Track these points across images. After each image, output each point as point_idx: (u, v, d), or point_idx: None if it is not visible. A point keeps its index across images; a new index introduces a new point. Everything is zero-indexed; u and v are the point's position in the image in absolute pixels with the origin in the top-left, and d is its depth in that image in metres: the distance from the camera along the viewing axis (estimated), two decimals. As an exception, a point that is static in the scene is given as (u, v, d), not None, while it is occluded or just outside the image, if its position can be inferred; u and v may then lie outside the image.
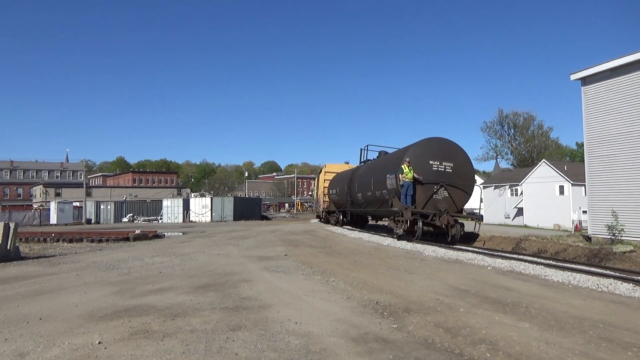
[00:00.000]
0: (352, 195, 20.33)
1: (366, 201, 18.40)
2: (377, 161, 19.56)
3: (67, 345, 3.99)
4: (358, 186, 19.18)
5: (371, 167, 18.86)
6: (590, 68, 14.00)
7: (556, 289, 6.40)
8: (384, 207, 15.84)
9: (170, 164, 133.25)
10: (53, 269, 9.38)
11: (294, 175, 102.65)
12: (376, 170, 17.33)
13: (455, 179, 13.98)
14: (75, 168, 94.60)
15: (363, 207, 19.25)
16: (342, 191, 22.29)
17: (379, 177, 16.28)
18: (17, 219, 44.46)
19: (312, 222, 32.77)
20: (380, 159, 19.30)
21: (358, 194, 19.14)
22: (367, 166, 19.98)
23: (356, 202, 20.03)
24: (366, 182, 17.95)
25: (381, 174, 15.94)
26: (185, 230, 25.89)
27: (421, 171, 13.63)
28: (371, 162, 20.34)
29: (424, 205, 13.53)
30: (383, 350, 3.76)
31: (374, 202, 17.18)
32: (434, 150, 14.14)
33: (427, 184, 13.66)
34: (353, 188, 20.06)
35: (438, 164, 13.95)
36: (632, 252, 10.78)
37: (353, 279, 7.27)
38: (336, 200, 24.46)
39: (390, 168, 15.13)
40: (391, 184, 14.72)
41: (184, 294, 6.15)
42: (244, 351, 3.77)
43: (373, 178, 17.01)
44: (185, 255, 11.35)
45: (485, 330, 4.29)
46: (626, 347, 3.82)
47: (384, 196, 15.53)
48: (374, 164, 19.09)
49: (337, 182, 24.55)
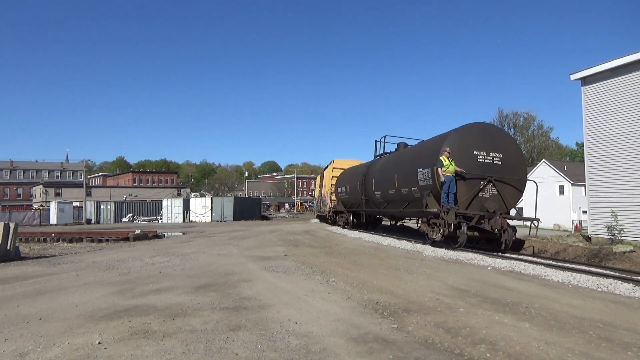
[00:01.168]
0: (368, 193, 17.89)
1: (387, 200, 16.04)
2: (401, 153, 16.55)
3: (67, 345, 3.99)
4: (375, 183, 16.82)
5: (394, 161, 16.22)
6: (590, 68, 14.01)
7: (556, 289, 6.39)
8: (414, 207, 13.68)
9: (170, 164, 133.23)
10: (53, 269, 9.38)
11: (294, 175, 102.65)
12: (402, 163, 14.75)
13: (505, 172, 11.75)
14: (75, 168, 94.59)
15: (382, 207, 16.86)
16: (354, 189, 19.89)
17: (406, 172, 13.85)
18: (17, 219, 44.49)
19: (312, 222, 32.76)
20: (406, 151, 16.31)
21: (376, 192, 16.76)
22: (388, 160, 17.24)
23: (373, 201, 17.63)
24: (387, 178, 15.57)
25: (409, 168, 13.58)
26: (185, 230, 25.88)
27: (464, 164, 11.45)
28: (392, 155, 17.58)
29: (468, 205, 11.42)
30: (383, 350, 3.76)
31: (399, 201, 14.79)
32: (479, 138, 11.88)
33: (471, 180, 11.46)
34: (368, 185, 17.70)
35: (484, 155, 11.69)
36: (632, 252, 10.79)
37: (353, 279, 7.27)
38: (345, 199, 22.01)
39: (422, 160, 12.82)
40: (424, 180, 12.43)
41: (184, 294, 6.15)
42: (244, 351, 3.77)
43: (397, 173, 14.57)
44: (185, 255, 11.35)
45: (485, 330, 4.29)
46: (626, 347, 3.82)
47: (413, 194, 13.33)
48: (397, 157, 16.38)
49: (347, 179, 21.85)
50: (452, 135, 12.10)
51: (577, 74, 14.46)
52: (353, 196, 20.27)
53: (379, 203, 16.89)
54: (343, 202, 22.69)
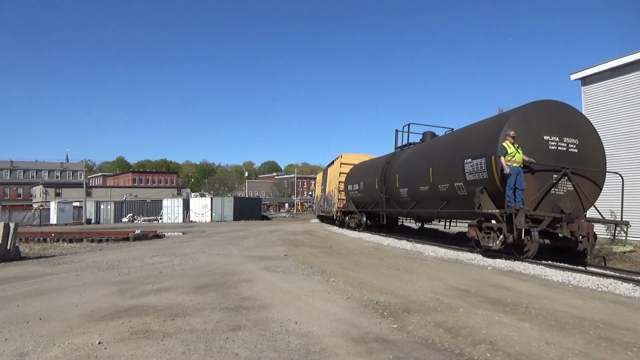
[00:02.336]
0: (390, 190, 15.48)
1: (416, 199, 13.65)
2: (437, 142, 13.90)
3: (67, 345, 3.99)
4: (400, 179, 14.43)
5: (426, 151, 13.68)
6: (590, 68, 14.02)
7: (556, 289, 6.40)
8: (457, 206, 11.36)
9: (170, 164, 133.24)
10: (53, 269, 9.39)
11: (294, 175, 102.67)
12: (439, 154, 12.43)
13: (582, 163, 9.45)
14: (75, 168, 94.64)
15: (409, 207, 14.26)
16: (370, 186, 17.66)
17: (445, 164, 11.57)
18: (17, 219, 44.49)
19: (312, 222, 32.78)
20: (445, 138, 13.50)
21: (401, 189, 14.38)
22: (416, 151, 14.71)
23: (396, 200, 15.23)
24: (417, 172, 13.25)
25: (451, 159, 11.23)
26: (185, 230, 25.89)
27: (531, 151, 9.13)
28: (423, 145, 14.88)
29: (537, 205, 9.09)
30: (383, 350, 3.77)
31: (434, 199, 12.45)
32: (549, 120, 9.54)
33: (541, 172, 9.21)
34: (390, 181, 15.33)
35: (557, 141, 9.37)
36: (632, 252, 10.79)
37: (353, 279, 7.27)
38: (358, 197, 19.67)
39: (471, 149, 10.47)
40: (475, 173, 10.08)
41: (184, 294, 6.15)
42: (244, 351, 3.77)
43: (433, 166, 12.23)
44: (185, 255, 11.35)
45: (485, 330, 4.29)
46: (626, 347, 3.82)
47: (456, 191, 11.00)
48: (431, 147, 13.81)
49: (361, 175, 19.45)
50: (514, 116, 9.72)
51: (577, 74, 14.46)
52: (368, 194, 18.10)
53: (405, 202, 14.54)
54: (355, 201, 20.33)
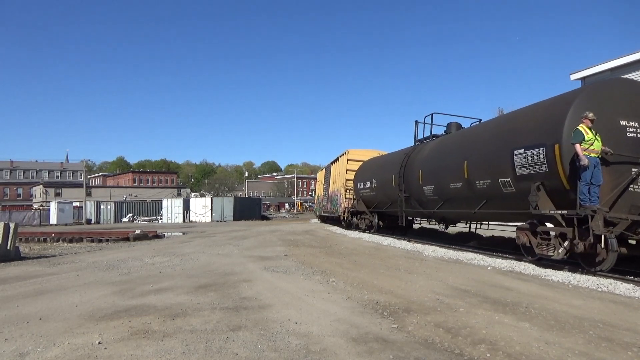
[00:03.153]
0: (410, 188, 13.87)
1: (444, 197, 11.95)
2: (472, 131, 11.81)
3: (67, 345, 3.99)
4: (424, 174, 12.79)
5: (458, 142, 11.77)
6: (590, 68, 14.02)
7: (556, 289, 6.40)
8: (501, 206, 9.73)
9: (170, 164, 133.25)
10: (53, 269, 9.39)
11: (294, 176, 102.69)
12: (477, 144, 10.46)
13: None
14: (75, 168, 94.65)
15: (436, 207, 12.56)
16: (384, 184, 15.99)
17: (486, 156, 9.82)
18: (17, 219, 44.50)
19: (312, 222, 32.79)
20: (485, 126, 11.35)
21: (425, 186, 12.76)
22: (444, 142, 12.85)
23: (418, 198, 13.61)
24: (446, 166, 11.51)
25: (494, 150, 9.56)
26: (185, 230, 25.90)
27: (604, 139, 7.46)
28: (453, 136, 12.93)
29: (613, 204, 7.48)
30: (383, 350, 3.77)
31: (469, 198, 10.64)
32: (625, 102, 7.89)
33: (617, 164, 7.58)
34: (411, 178, 13.69)
35: (637, 127, 7.76)
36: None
37: (353, 279, 7.27)
38: (370, 197, 18.04)
39: (524, 136, 8.59)
40: (529, 166, 8.27)
41: (184, 294, 6.15)
42: (244, 351, 3.77)
43: (468, 159, 10.43)
44: (185, 255, 11.36)
45: (485, 330, 4.29)
46: (626, 347, 3.82)
47: (501, 188, 9.30)
48: (463, 137, 11.79)
49: (373, 172, 17.78)
50: (583, 95, 8.06)
51: (577, 73, 14.47)
52: (382, 193, 16.44)
53: (429, 201, 12.98)
54: (365, 200, 18.69)
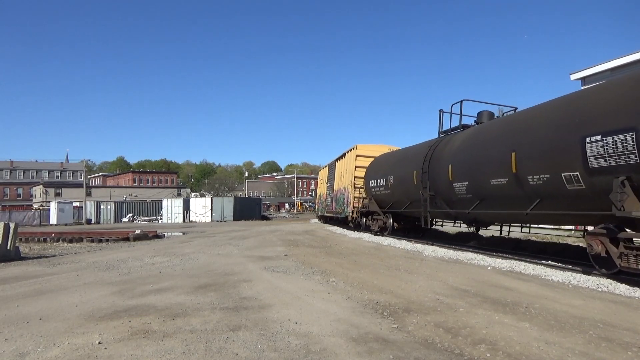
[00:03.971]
0: (438, 185, 12.08)
1: (482, 196, 10.17)
2: (523, 116, 9.47)
3: (67, 345, 3.99)
4: (455, 170, 11.05)
5: (501, 131, 9.82)
6: (590, 68, 14.04)
7: (556, 289, 6.39)
8: (563, 205, 7.98)
9: (170, 164, 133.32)
10: (53, 269, 9.38)
11: (294, 175, 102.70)
12: (529, 132, 8.59)
13: None
14: (75, 168, 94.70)
15: (471, 207, 10.70)
16: (402, 181, 14.40)
17: (543, 146, 8.00)
18: (17, 219, 44.54)
19: (312, 222, 32.79)
20: (539, 109, 8.94)
21: (456, 183, 11.04)
22: (482, 132, 10.74)
23: (446, 197, 11.88)
24: (486, 159, 9.76)
25: (555, 138, 7.73)
26: (185, 230, 25.89)
27: None
28: (495, 124, 10.82)
29: None
30: (383, 350, 3.77)
31: (518, 197, 8.93)
32: None
33: None
34: (439, 174, 11.90)
35: None
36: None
37: (353, 279, 7.27)
38: (384, 196, 16.20)
39: (601, 119, 6.88)
40: (610, 157, 6.66)
41: (184, 294, 6.15)
42: (244, 351, 3.77)
43: (517, 150, 8.70)
44: (185, 255, 11.36)
45: (485, 330, 4.29)
46: (626, 347, 3.82)
47: (566, 184, 7.49)
48: (509, 124, 9.70)
49: (388, 169, 15.98)
50: None
51: (577, 73, 14.48)
52: (401, 191, 14.77)
53: (461, 200, 11.24)
54: (378, 199, 16.99)
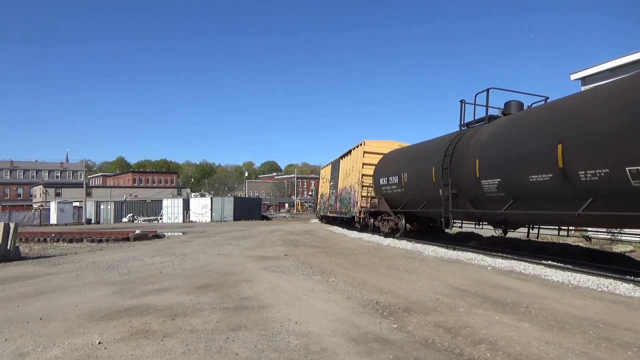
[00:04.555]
0: (461, 183, 10.81)
1: (517, 194, 9.01)
2: (576, 100, 8.19)
3: (67, 345, 3.99)
4: (484, 165, 9.89)
5: (543, 120, 8.46)
6: (590, 68, 14.03)
7: (556, 289, 6.40)
8: (626, 206, 6.83)
9: (170, 164, 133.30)
10: (53, 269, 9.38)
11: (294, 175, 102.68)
12: (582, 119, 7.42)
13: None
14: (75, 168, 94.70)
15: (503, 207, 9.40)
16: (418, 179, 13.22)
17: (600, 136, 6.86)
18: (17, 219, 44.50)
19: (312, 222, 32.80)
20: (599, 91, 7.75)
21: (485, 180, 9.85)
22: (518, 121, 9.45)
23: (472, 196, 10.61)
24: (525, 152, 8.54)
25: (616, 127, 6.63)
26: (185, 230, 25.89)
27: None
28: (533, 112, 9.40)
29: None
30: (383, 350, 3.77)
31: (565, 195, 7.74)
32: None
33: None
34: (463, 170, 10.67)
35: None
36: (632, 252, 10.79)
37: (353, 278, 7.27)
38: (396, 195, 15.07)
39: None
40: None
41: (184, 294, 6.15)
42: (244, 351, 3.77)
43: (565, 142, 7.50)
44: (185, 255, 11.36)
45: (485, 330, 4.29)
46: (626, 347, 3.82)
47: (632, 180, 6.40)
48: (553, 111, 8.39)
49: (400, 165, 14.84)
50: None
51: (577, 73, 14.47)
52: (416, 190, 13.69)
53: (491, 199, 10.00)
54: (390, 199, 15.82)
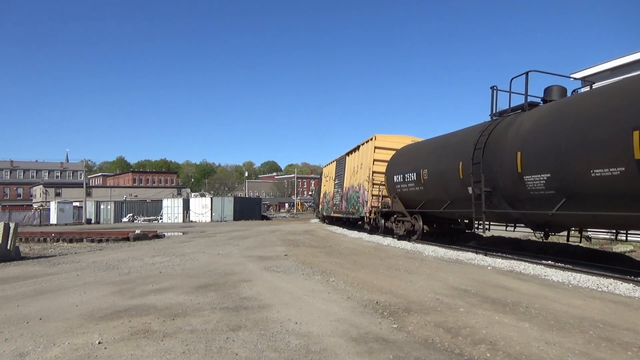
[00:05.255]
0: (497, 179, 9.35)
1: (572, 192, 7.62)
2: None
3: (67, 345, 3.99)
4: (528, 158, 8.40)
5: (616, 99, 6.99)
6: (590, 68, 14.02)
7: (556, 289, 6.40)
8: None
9: (170, 164, 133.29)
10: (53, 269, 9.38)
11: (294, 175, 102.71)
12: None
13: None
14: (75, 168, 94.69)
15: (555, 208, 7.98)
16: (442, 175, 11.77)
17: None
18: (17, 219, 44.52)
19: (312, 222, 32.80)
20: None
21: (529, 175, 8.37)
22: (577, 104, 7.97)
23: (511, 194, 9.15)
24: (585, 142, 7.14)
25: None
26: (185, 230, 25.89)
27: None
28: (605, 90, 7.69)
29: None
30: (383, 350, 3.77)
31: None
32: None
33: None
34: (499, 164, 9.25)
35: None
36: (632, 252, 10.79)
37: (353, 278, 7.27)
38: (413, 193, 13.67)
39: None
40: None
41: (184, 294, 6.15)
42: (244, 351, 3.77)
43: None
44: (185, 255, 11.35)
45: (485, 330, 4.29)
46: (626, 347, 3.82)
47: None
48: (629, 89, 6.94)
49: (419, 160, 13.30)
50: None
51: (577, 73, 14.46)
52: (438, 187, 12.20)
53: (536, 198, 8.45)
54: (405, 198, 14.48)
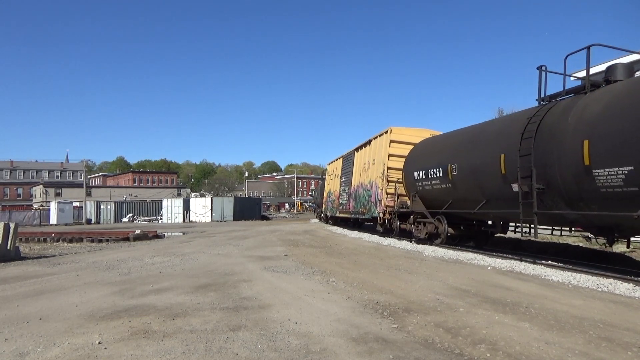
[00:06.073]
0: (555, 174, 7.90)
1: None
2: None
3: (67, 345, 3.99)
4: (598, 148, 7.02)
5: None
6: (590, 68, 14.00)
7: (556, 289, 6.40)
8: None
9: (170, 164, 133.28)
10: (53, 269, 9.38)
11: (294, 175, 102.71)
12: None
13: None
14: (75, 168, 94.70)
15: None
16: (476, 170, 10.29)
17: None
18: (17, 219, 44.53)
19: (312, 222, 32.80)
20: None
21: (601, 169, 6.92)
22: None
23: (575, 192, 7.61)
24: None
25: None
26: (185, 230, 25.89)
27: None
28: None
29: None
30: (383, 350, 3.77)
31: None
32: None
33: None
34: (557, 156, 7.86)
35: None
36: (632, 252, 10.79)
37: (353, 279, 7.27)
38: (438, 192, 12.24)
39: None
40: None
41: (184, 294, 6.15)
42: (244, 351, 3.77)
43: None
44: (185, 255, 11.35)
45: (485, 330, 4.29)
46: (626, 347, 3.82)
47: None
48: None
49: (446, 154, 11.81)
50: None
51: (577, 73, 14.45)
52: (470, 185, 10.71)
53: (609, 196, 7.01)
54: (427, 197, 13.16)
